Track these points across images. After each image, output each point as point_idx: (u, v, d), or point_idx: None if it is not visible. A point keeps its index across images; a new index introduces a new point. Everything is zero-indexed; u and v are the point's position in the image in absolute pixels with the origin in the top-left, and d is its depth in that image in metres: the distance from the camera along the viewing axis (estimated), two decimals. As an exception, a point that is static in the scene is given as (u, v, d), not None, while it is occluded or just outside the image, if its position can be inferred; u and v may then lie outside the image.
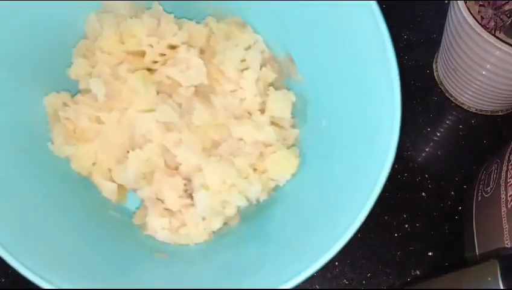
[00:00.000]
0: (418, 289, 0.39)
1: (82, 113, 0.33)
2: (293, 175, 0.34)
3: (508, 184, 0.35)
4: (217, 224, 0.33)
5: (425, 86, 0.50)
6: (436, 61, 0.50)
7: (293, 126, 0.35)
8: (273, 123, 0.34)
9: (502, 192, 0.35)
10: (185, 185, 0.32)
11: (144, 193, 0.33)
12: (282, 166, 0.33)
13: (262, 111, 0.34)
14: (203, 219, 0.32)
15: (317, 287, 0.41)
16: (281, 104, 0.34)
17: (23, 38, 0.31)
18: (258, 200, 0.34)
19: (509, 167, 0.36)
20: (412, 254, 0.42)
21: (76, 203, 0.32)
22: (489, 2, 0.41)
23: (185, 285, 0.29)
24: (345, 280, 0.42)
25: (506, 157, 0.36)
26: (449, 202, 0.44)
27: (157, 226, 0.32)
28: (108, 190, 0.33)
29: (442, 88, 0.49)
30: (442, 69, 0.48)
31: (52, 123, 0.33)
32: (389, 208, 0.44)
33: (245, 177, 0.32)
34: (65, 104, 0.34)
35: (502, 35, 0.40)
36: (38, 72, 0.33)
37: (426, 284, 0.37)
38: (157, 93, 0.33)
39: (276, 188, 0.35)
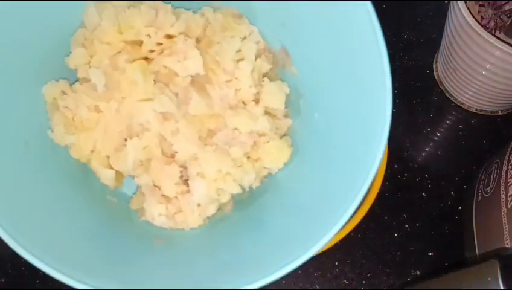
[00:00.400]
0: (418, 289, 0.39)
1: (81, 102, 0.33)
2: (286, 164, 0.34)
3: (508, 184, 0.35)
4: (211, 210, 0.33)
5: (425, 86, 0.50)
6: (436, 61, 0.50)
7: (286, 116, 0.36)
8: (266, 113, 0.34)
9: (502, 192, 0.35)
10: (181, 172, 0.33)
11: (141, 180, 0.33)
12: (275, 155, 0.34)
13: (256, 101, 0.34)
14: (198, 205, 0.33)
15: (317, 287, 0.41)
16: (275, 95, 0.34)
17: (20, 27, 0.31)
18: (251, 188, 0.34)
19: (509, 167, 0.36)
20: (412, 254, 0.42)
21: (75, 189, 0.33)
22: (489, 2, 0.41)
23: (182, 270, 0.29)
24: (345, 280, 0.42)
25: (506, 157, 0.36)
26: (449, 202, 0.45)
27: (155, 212, 0.33)
28: (106, 176, 0.34)
29: (442, 88, 0.49)
30: (442, 69, 0.48)
31: (51, 112, 0.34)
32: (389, 208, 0.44)
33: (239, 166, 0.33)
34: (64, 93, 0.34)
35: (502, 35, 0.40)
36: (36, 61, 0.33)
37: (426, 284, 0.37)
38: (154, 82, 0.33)
39: (269, 176, 0.35)
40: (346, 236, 0.35)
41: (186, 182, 0.33)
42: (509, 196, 0.34)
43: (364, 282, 0.41)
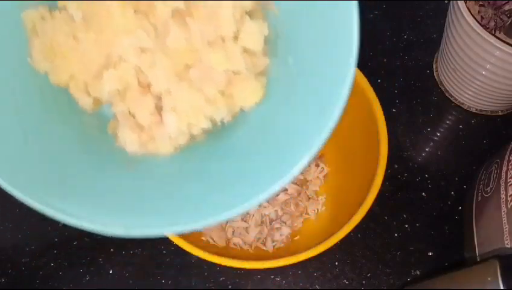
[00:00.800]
0: (418, 289, 0.39)
1: (59, 30, 0.33)
2: (259, 103, 0.35)
3: (508, 184, 0.35)
4: (182, 140, 0.34)
5: (425, 86, 0.50)
6: (436, 61, 0.50)
7: (264, 54, 0.36)
8: (244, 51, 0.35)
9: (502, 192, 0.35)
10: (156, 103, 0.34)
11: (117, 108, 0.34)
12: (248, 94, 0.34)
13: (235, 39, 0.35)
14: (170, 136, 0.34)
15: (317, 287, 0.41)
16: (253, 35, 0.34)
17: None
18: (223, 122, 0.35)
19: (509, 167, 0.36)
20: (412, 254, 0.42)
21: (55, 110, 0.34)
22: (489, 2, 0.41)
23: (150, 194, 0.30)
24: (345, 280, 0.42)
25: (506, 157, 0.36)
26: (449, 202, 0.45)
27: (127, 139, 0.34)
28: (84, 102, 0.35)
29: (442, 88, 0.49)
30: (442, 69, 0.48)
31: (31, 38, 0.34)
32: (389, 208, 0.44)
33: (212, 102, 0.34)
34: (43, 19, 0.34)
35: (502, 35, 0.40)
36: None
37: (426, 284, 0.37)
38: (134, 12, 0.33)
39: (242, 112, 0.36)
40: (346, 236, 0.35)
41: (160, 111, 0.34)
42: (509, 196, 0.34)
43: (364, 282, 0.41)
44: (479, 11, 0.41)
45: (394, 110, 0.49)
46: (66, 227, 0.45)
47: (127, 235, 0.26)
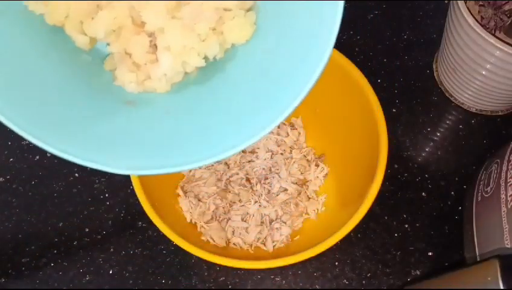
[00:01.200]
0: (418, 289, 0.39)
1: None
2: (249, 39, 0.36)
3: (508, 184, 0.35)
4: (178, 79, 0.35)
5: (425, 86, 0.50)
6: (436, 61, 0.50)
7: None
8: None
9: (502, 192, 0.35)
10: (150, 41, 0.35)
11: (113, 48, 0.35)
12: (238, 30, 0.35)
13: None
14: (165, 74, 0.35)
15: (317, 287, 0.41)
16: None
17: None
18: (215, 58, 0.36)
19: (509, 167, 0.36)
20: (412, 254, 0.42)
21: (53, 49, 0.34)
22: (489, 2, 0.41)
23: (147, 132, 0.31)
24: (345, 280, 0.42)
25: (506, 157, 0.36)
26: (449, 202, 0.45)
27: (125, 79, 0.35)
28: (80, 41, 0.35)
29: (442, 88, 0.49)
30: (442, 69, 0.48)
31: None
32: (389, 208, 0.44)
33: (204, 40, 0.34)
34: None
35: (502, 35, 0.40)
36: None
37: (426, 284, 0.37)
38: None
39: (233, 48, 0.37)
40: (346, 236, 0.35)
41: (155, 50, 0.35)
42: (509, 196, 0.34)
43: (364, 282, 0.41)
44: (479, 11, 0.41)
45: (394, 110, 0.49)
46: (66, 227, 0.45)
47: (128, 173, 0.27)
